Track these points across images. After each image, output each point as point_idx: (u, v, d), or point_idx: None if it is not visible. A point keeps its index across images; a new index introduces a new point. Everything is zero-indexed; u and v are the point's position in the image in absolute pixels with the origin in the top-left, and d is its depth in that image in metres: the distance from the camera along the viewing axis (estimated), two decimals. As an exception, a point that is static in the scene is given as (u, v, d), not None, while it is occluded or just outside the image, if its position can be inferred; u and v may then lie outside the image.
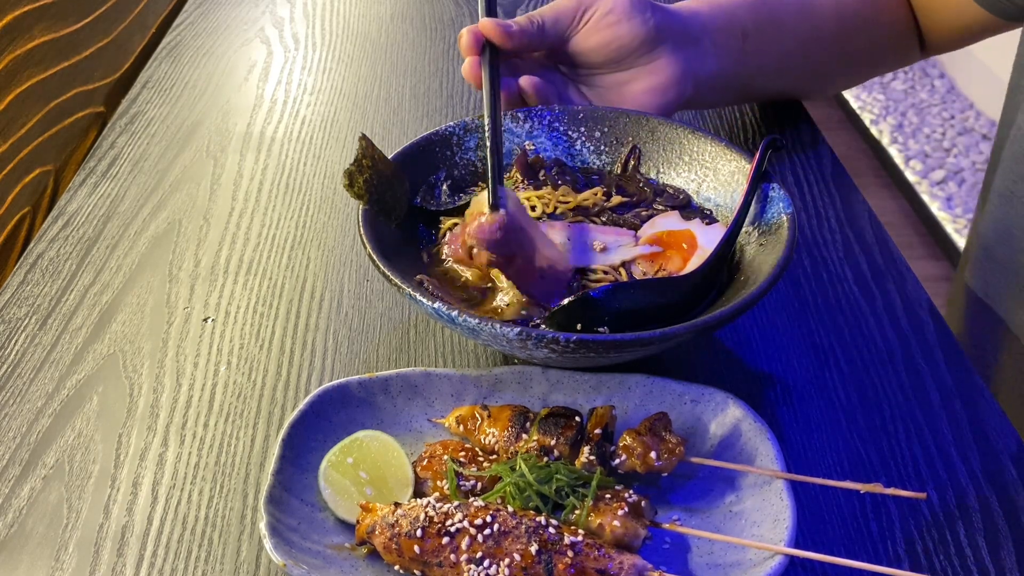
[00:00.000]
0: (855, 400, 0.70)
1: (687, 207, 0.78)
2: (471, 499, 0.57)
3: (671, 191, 0.79)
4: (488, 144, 0.74)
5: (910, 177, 2.77)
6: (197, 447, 0.66)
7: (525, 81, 0.83)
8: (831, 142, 1.01)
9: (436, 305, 0.62)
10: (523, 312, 0.68)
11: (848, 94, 3.18)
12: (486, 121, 0.75)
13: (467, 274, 0.71)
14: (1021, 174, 0.87)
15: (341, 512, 0.58)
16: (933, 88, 3.17)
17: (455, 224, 0.75)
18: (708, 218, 0.77)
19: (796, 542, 0.55)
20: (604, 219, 0.77)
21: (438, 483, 0.60)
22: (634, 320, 0.65)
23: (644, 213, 0.77)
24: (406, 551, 0.54)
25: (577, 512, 0.57)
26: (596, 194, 0.79)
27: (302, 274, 0.82)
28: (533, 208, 0.77)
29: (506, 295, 0.68)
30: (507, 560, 0.53)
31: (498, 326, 0.60)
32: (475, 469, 0.60)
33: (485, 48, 0.79)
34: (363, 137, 0.71)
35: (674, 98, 0.85)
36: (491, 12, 0.82)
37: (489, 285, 0.71)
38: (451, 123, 0.81)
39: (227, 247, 0.85)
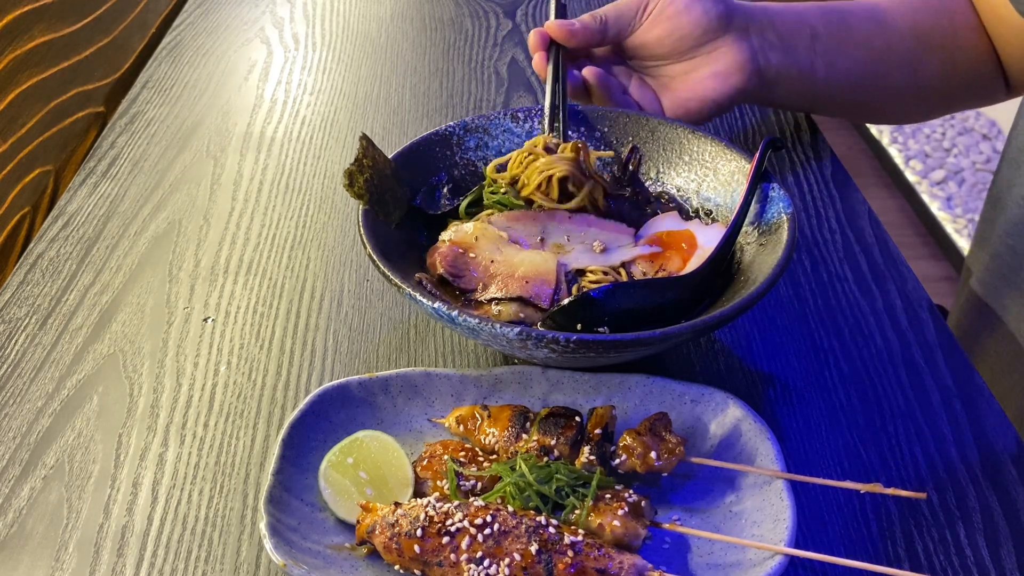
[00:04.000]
0: (855, 400, 0.70)
1: (687, 207, 0.78)
2: (471, 499, 0.57)
3: (671, 191, 0.79)
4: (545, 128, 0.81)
5: (910, 177, 2.77)
6: (197, 447, 0.66)
7: (588, 72, 0.86)
8: (831, 142, 1.01)
9: (436, 305, 0.62)
10: (520, 314, 0.68)
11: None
12: (546, 112, 0.81)
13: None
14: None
15: (341, 512, 0.58)
16: (933, 88, 3.17)
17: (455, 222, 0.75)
18: (708, 218, 0.77)
19: (796, 542, 0.55)
20: (604, 208, 0.77)
21: (438, 483, 0.60)
22: (634, 320, 0.65)
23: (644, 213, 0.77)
24: (406, 551, 0.54)
25: (577, 512, 0.56)
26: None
27: (302, 274, 0.82)
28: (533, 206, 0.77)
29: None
30: (507, 560, 0.53)
31: (498, 326, 0.60)
32: (475, 469, 0.60)
33: (551, 46, 0.85)
34: (363, 137, 0.71)
35: (737, 84, 0.85)
36: (560, 15, 0.87)
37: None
38: (451, 123, 0.81)
39: (227, 247, 0.85)
